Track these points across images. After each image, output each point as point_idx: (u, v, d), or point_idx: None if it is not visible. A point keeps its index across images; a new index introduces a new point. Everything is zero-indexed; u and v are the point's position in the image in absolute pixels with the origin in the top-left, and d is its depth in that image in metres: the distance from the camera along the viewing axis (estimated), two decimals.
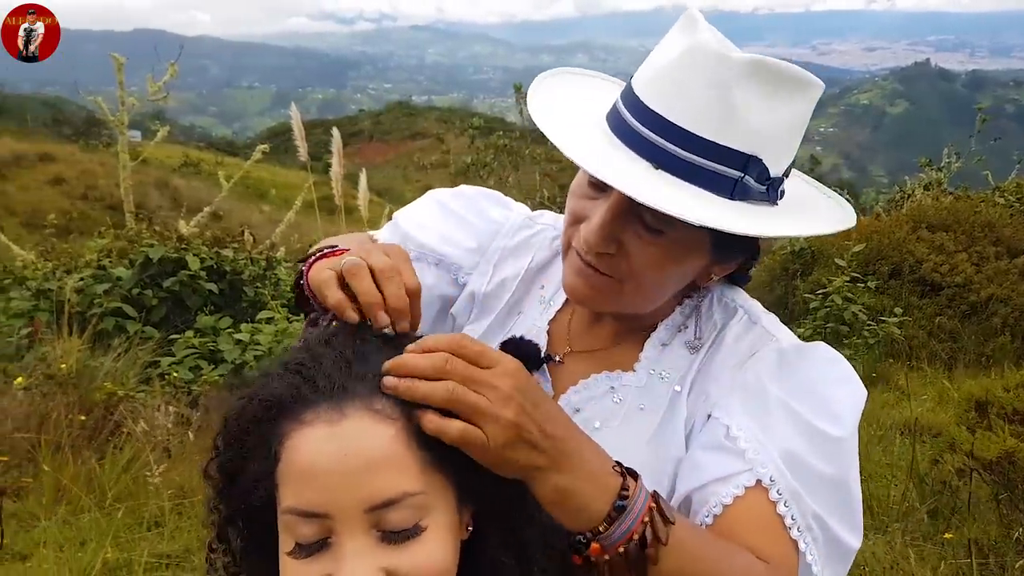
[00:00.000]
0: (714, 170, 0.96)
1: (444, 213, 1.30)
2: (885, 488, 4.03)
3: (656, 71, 0.98)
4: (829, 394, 1.02)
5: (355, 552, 0.77)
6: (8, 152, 23.97)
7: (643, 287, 1.04)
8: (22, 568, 3.36)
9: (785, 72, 0.96)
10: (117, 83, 7.03)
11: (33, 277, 6.40)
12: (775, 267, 9.39)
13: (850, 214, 1.09)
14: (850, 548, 1.00)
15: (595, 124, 1.04)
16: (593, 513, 0.86)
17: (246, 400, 0.83)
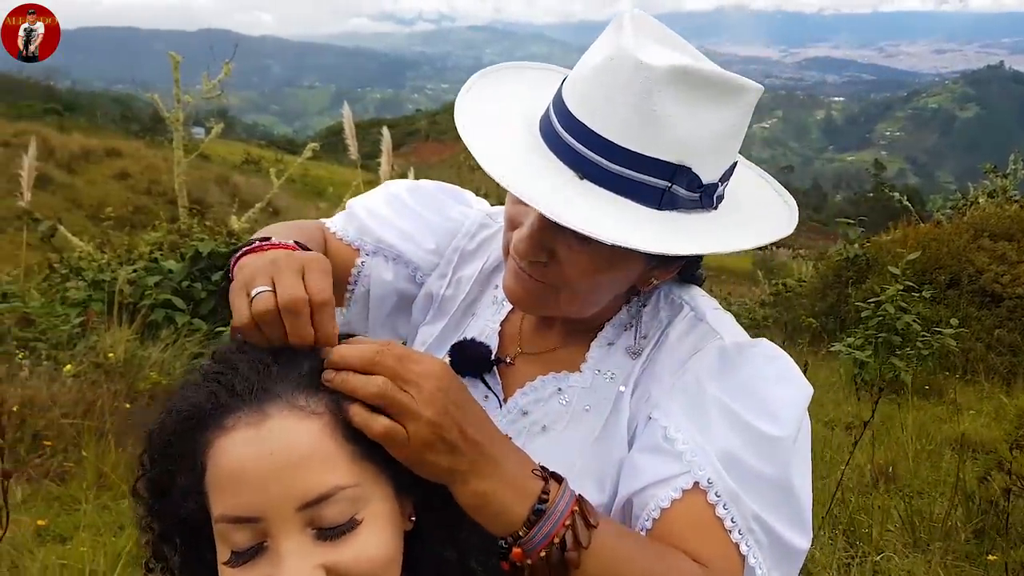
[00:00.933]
0: (640, 180, 0.93)
1: (402, 209, 1.28)
2: (929, 505, 3.91)
3: (582, 78, 0.96)
4: (767, 393, 0.99)
5: (291, 552, 0.76)
6: (77, 147, 24.78)
7: (577, 294, 1.03)
8: (61, 550, 3.45)
9: (710, 78, 0.92)
10: (174, 82, 7.19)
11: (89, 268, 6.58)
12: (828, 274, 9.20)
13: (786, 224, 1.06)
14: (797, 548, 0.98)
15: (527, 128, 1.03)
16: (512, 517, 0.86)
17: (166, 413, 0.83)
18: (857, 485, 4.40)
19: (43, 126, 26.97)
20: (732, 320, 1.10)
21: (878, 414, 5.77)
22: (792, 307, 9.33)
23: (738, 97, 0.95)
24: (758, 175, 1.14)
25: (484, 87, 1.10)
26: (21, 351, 5.16)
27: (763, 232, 1.02)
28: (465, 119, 1.02)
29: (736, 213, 1.03)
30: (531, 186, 0.93)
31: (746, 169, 1.13)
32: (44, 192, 19.80)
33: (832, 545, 3.56)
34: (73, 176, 22.58)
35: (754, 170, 1.15)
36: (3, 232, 16.65)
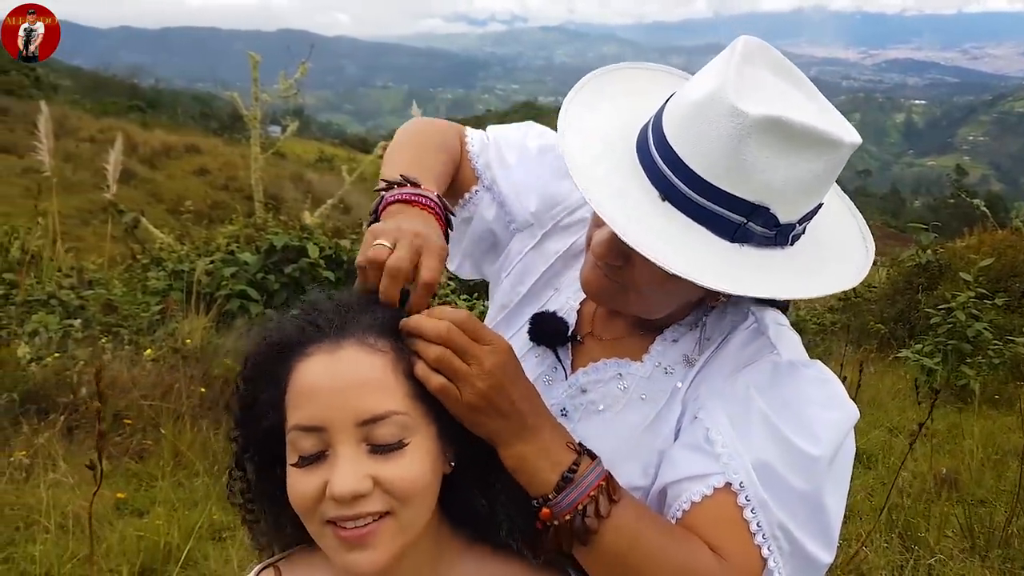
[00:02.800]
0: (717, 212, 0.98)
1: (526, 162, 1.36)
2: (990, 513, 3.84)
3: (683, 108, 1.00)
4: (812, 414, 1.03)
5: (347, 459, 0.90)
6: (159, 143, 25.72)
7: (646, 299, 1.10)
8: (139, 523, 3.66)
9: (801, 131, 0.94)
10: (252, 81, 7.46)
11: (169, 259, 6.89)
12: (899, 280, 9.00)
13: (854, 276, 1.07)
14: (819, 561, 1.02)
15: (623, 139, 1.08)
16: (544, 481, 0.97)
17: (261, 342, 0.98)
18: (919, 492, 4.33)
19: (127, 123, 28.07)
20: (794, 338, 1.13)
21: (945, 422, 5.66)
22: (861, 313, 9.15)
23: (831, 150, 0.98)
24: (851, 213, 1.16)
25: (596, 89, 1.15)
26: (105, 335, 5.45)
27: (827, 279, 1.05)
28: (566, 121, 1.09)
29: (809, 253, 1.06)
30: (613, 204, 1.00)
31: (838, 201, 1.16)
32: (127, 186, 20.63)
33: (887, 548, 3.54)
34: (154, 171, 23.44)
35: (845, 203, 1.17)
36: (88, 224, 17.43)
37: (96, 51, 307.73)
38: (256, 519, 1.05)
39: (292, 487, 0.92)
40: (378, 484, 0.90)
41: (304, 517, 0.93)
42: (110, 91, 44.86)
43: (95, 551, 3.31)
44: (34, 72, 32.28)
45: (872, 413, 5.82)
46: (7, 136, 23.78)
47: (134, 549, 3.37)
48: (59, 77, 44.61)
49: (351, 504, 0.89)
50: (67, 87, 40.79)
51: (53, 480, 3.88)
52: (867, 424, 5.52)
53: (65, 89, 38.10)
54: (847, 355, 7.31)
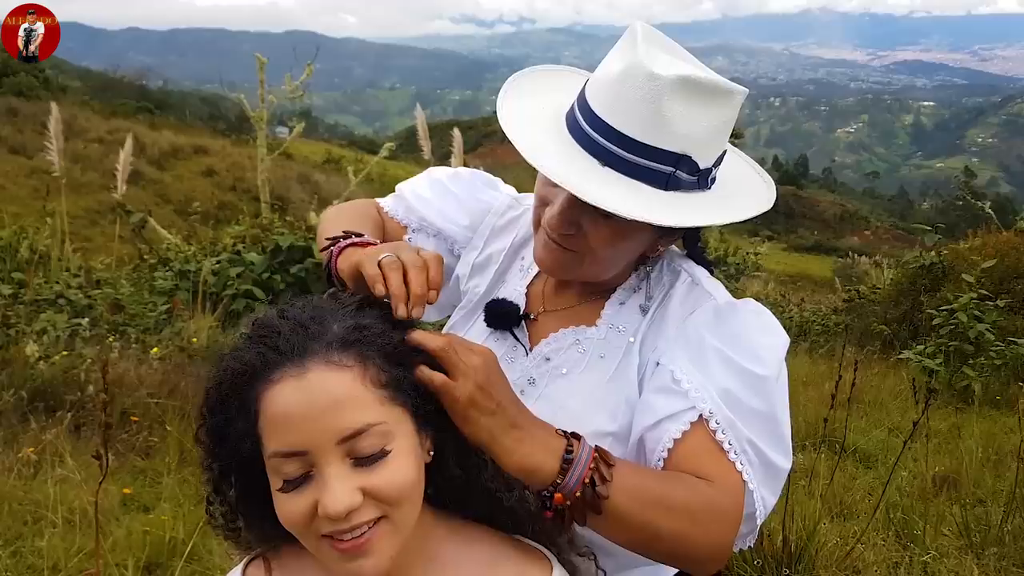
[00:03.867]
0: (650, 167, 1.14)
1: (442, 192, 1.52)
2: (987, 513, 3.86)
3: (603, 84, 1.17)
4: (756, 341, 1.20)
5: (334, 477, 0.92)
6: (167, 144, 25.80)
7: (599, 259, 1.24)
8: (145, 518, 3.71)
9: (708, 85, 1.12)
10: (259, 82, 7.51)
11: (176, 259, 6.95)
12: (903, 281, 9.01)
13: (765, 199, 1.28)
14: (780, 469, 1.17)
15: (553, 123, 1.23)
16: (548, 470, 1.04)
17: (221, 372, 0.98)
18: (918, 491, 4.36)
19: (135, 124, 28.15)
20: (721, 285, 1.31)
21: (946, 423, 5.68)
22: (864, 314, 9.17)
23: (729, 99, 1.16)
24: (743, 159, 1.36)
25: (520, 87, 1.31)
26: (112, 334, 5.51)
27: (747, 207, 1.24)
28: (505, 115, 1.24)
29: (723, 190, 1.24)
30: (566, 173, 1.14)
31: (733, 154, 1.33)
32: (135, 187, 20.71)
33: (884, 545, 3.57)
34: (162, 172, 23.53)
35: (739, 155, 1.36)
36: (97, 224, 17.54)
37: (105, 52, 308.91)
38: (238, 535, 1.08)
39: (281, 511, 0.94)
40: (368, 494, 0.92)
41: (298, 534, 0.96)
42: (119, 92, 45.04)
43: (101, 545, 3.36)
44: (43, 73, 32.45)
45: (873, 413, 5.84)
46: (16, 137, 23.93)
47: (140, 543, 3.41)
48: (68, 78, 44.82)
49: (346, 519, 0.91)
50: (76, 88, 40.93)
51: (60, 476, 3.93)
52: (868, 424, 5.55)
53: (74, 90, 38.23)
54: (848, 356, 7.33)
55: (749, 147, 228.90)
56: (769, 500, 1.16)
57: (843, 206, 65.50)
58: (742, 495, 1.12)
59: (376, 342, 0.97)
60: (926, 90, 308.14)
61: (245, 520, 1.05)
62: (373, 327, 0.99)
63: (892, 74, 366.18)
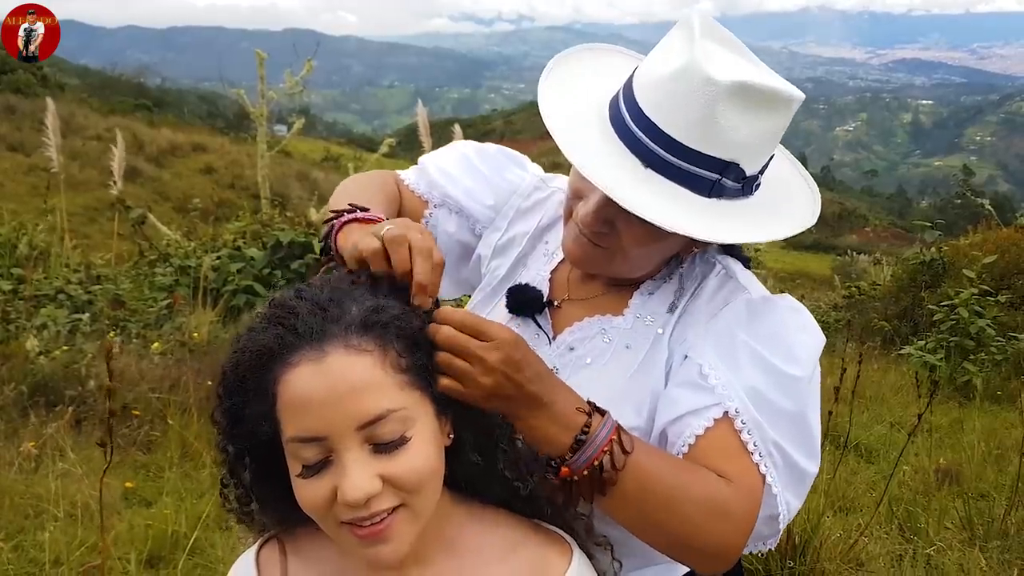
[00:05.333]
0: (695, 173, 1.10)
1: (469, 168, 1.45)
2: (990, 506, 3.86)
3: (654, 81, 1.11)
4: (790, 339, 1.14)
5: (354, 462, 0.90)
6: (166, 142, 25.74)
7: (630, 259, 1.19)
8: (147, 512, 3.70)
9: (766, 92, 1.07)
10: (259, 79, 7.50)
11: (176, 255, 6.94)
12: (903, 278, 9.02)
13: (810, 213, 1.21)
14: (807, 472, 1.13)
15: (596, 115, 1.17)
16: (559, 445, 1.03)
17: (239, 353, 0.96)
18: (921, 485, 4.36)
19: (133, 121, 28.12)
20: (756, 279, 1.25)
21: (947, 418, 5.68)
22: (865, 311, 9.17)
23: (787, 106, 1.11)
24: (788, 160, 1.29)
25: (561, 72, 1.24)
26: (113, 330, 5.50)
27: (791, 220, 1.18)
28: (547, 107, 1.17)
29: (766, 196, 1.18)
30: (605, 174, 1.09)
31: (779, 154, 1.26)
32: (133, 184, 20.69)
33: (887, 538, 3.56)
34: (161, 170, 23.48)
35: (786, 155, 1.29)
36: (95, 221, 17.51)
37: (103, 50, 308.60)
38: (252, 519, 1.06)
39: (301, 496, 0.93)
40: (387, 482, 0.91)
41: (318, 520, 0.94)
42: (117, 90, 44.96)
43: (104, 539, 3.36)
44: (40, 71, 32.36)
45: (874, 408, 5.84)
46: (15, 135, 23.88)
47: (142, 537, 3.41)
48: (66, 76, 44.70)
49: (365, 505, 0.90)
50: (74, 86, 40.84)
51: (62, 470, 3.92)
52: (869, 419, 5.54)
53: (72, 88, 38.14)
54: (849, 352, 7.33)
55: None
56: (794, 504, 1.13)
57: (842, 204, 65.41)
58: (759, 498, 1.08)
59: (395, 325, 0.95)
60: (925, 88, 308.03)
61: (260, 503, 1.04)
62: (392, 309, 0.96)
63: (891, 72, 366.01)
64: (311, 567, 1.03)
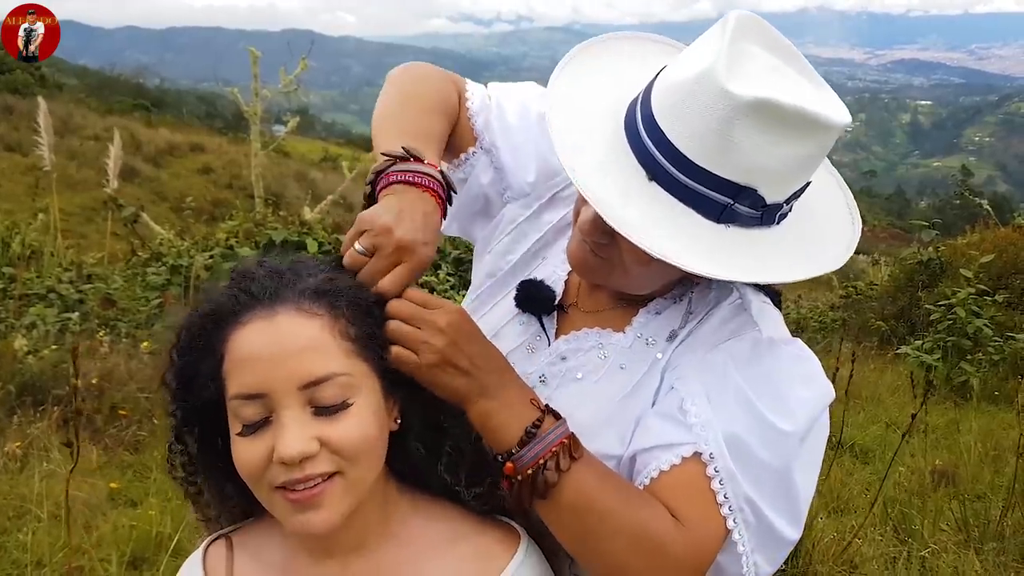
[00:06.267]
0: (703, 194, 0.97)
1: (527, 128, 1.30)
2: (986, 507, 3.82)
3: (672, 86, 0.99)
4: (787, 390, 1.03)
5: (292, 422, 0.90)
6: (164, 142, 25.70)
7: (630, 276, 1.09)
8: (132, 513, 3.66)
9: (792, 114, 0.93)
10: (252, 76, 7.47)
11: (169, 254, 6.91)
12: (900, 277, 8.98)
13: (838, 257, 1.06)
14: (785, 538, 1.03)
15: (613, 116, 1.06)
16: (509, 435, 0.98)
17: (194, 313, 0.97)
18: (916, 486, 4.32)
19: (132, 121, 28.07)
20: (776, 316, 1.13)
21: (944, 419, 5.64)
22: (862, 310, 9.14)
23: (821, 132, 0.97)
24: (836, 183, 1.15)
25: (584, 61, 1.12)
26: (102, 328, 5.46)
27: (811, 267, 1.03)
28: (554, 99, 1.07)
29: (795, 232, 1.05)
30: (599, 184, 0.99)
31: (825, 174, 1.14)
32: (131, 184, 20.64)
33: (881, 540, 3.52)
34: (158, 170, 23.43)
35: (834, 176, 1.16)
36: (92, 221, 17.46)
37: (102, 50, 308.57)
38: (199, 491, 1.05)
39: (238, 456, 0.93)
40: (325, 445, 0.90)
41: (252, 484, 0.94)
42: (116, 90, 44.85)
43: (76, 537, 3.32)
44: (39, 71, 32.31)
45: (870, 409, 5.80)
46: (12, 134, 23.83)
47: (126, 538, 3.37)
48: (65, 76, 44.62)
49: (299, 467, 0.89)
50: (73, 86, 40.76)
51: (47, 471, 3.88)
52: (865, 420, 5.50)
53: (71, 88, 38.06)
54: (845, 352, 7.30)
55: None
56: (764, 568, 1.03)
57: None
58: (711, 549, 0.99)
59: (349, 295, 0.96)
60: (923, 89, 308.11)
61: (204, 476, 1.03)
62: (347, 281, 0.98)
63: (889, 73, 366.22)
64: (257, 562, 1.03)
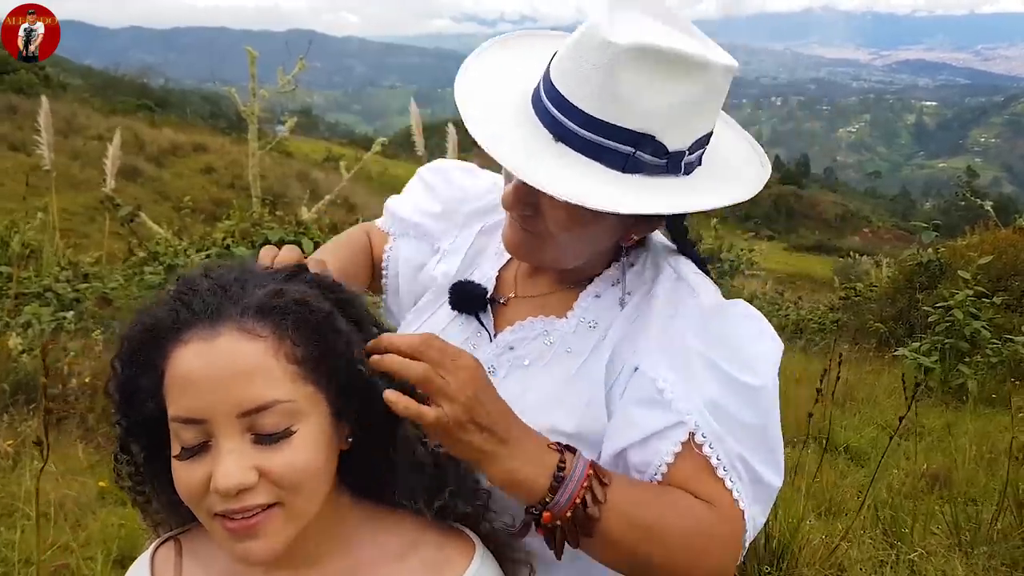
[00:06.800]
0: (606, 145, 1.02)
1: (420, 187, 1.44)
2: (979, 511, 3.81)
3: (564, 52, 1.05)
4: (746, 348, 1.08)
5: (230, 451, 0.86)
6: (167, 142, 25.75)
7: (559, 245, 1.12)
8: (122, 512, 3.66)
9: (671, 55, 0.98)
10: (250, 77, 7.46)
11: (166, 254, 6.91)
12: (899, 279, 8.97)
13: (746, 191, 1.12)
14: (772, 486, 1.08)
15: (522, 94, 1.12)
16: (538, 488, 0.97)
17: (135, 325, 0.93)
18: (909, 489, 4.30)
19: (135, 121, 28.12)
20: (711, 284, 1.18)
21: (940, 421, 5.62)
22: (861, 312, 9.12)
23: (701, 73, 1.01)
24: (742, 137, 1.22)
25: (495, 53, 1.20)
26: (97, 327, 5.46)
27: (722, 196, 1.08)
28: (464, 83, 1.12)
29: (709, 180, 1.10)
30: (508, 148, 1.04)
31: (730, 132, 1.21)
32: (133, 184, 20.68)
33: (871, 543, 3.51)
34: (161, 169, 23.47)
35: (735, 130, 1.23)
36: (94, 220, 17.49)
37: (106, 50, 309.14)
38: (148, 500, 1.02)
39: (177, 478, 0.89)
40: (264, 475, 0.86)
41: (192, 507, 0.90)
42: (120, 90, 44.96)
43: (75, 539, 3.32)
44: (43, 71, 32.40)
45: (866, 411, 5.78)
46: (16, 134, 23.88)
47: (114, 537, 3.37)
48: (69, 76, 44.73)
49: (236, 498, 0.85)
50: (77, 86, 40.85)
51: (38, 469, 3.88)
52: (860, 422, 5.49)
53: (75, 88, 38.15)
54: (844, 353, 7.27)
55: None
56: (759, 520, 1.08)
57: (844, 206, 65.38)
58: (741, 519, 1.04)
59: (296, 312, 0.90)
60: (929, 90, 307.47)
61: (152, 486, 1.00)
62: (295, 294, 0.91)
63: (895, 73, 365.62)
64: (205, 567, 0.99)
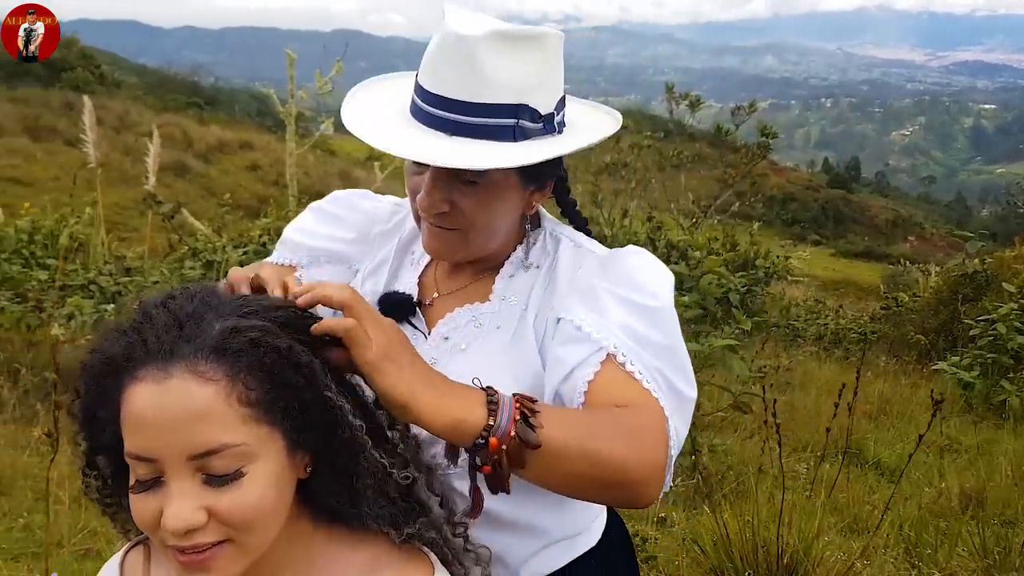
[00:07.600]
0: (494, 124, 1.17)
1: (323, 217, 1.51)
2: (1013, 533, 3.70)
3: (426, 60, 1.21)
4: (644, 277, 1.23)
5: (179, 492, 0.87)
6: (214, 139, 26.25)
7: (481, 229, 1.26)
8: None
9: (515, 33, 1.16)
10: (289, 78, 7.59)
11: (205, 250, 7.06)
12: (943, 290, 8.76)
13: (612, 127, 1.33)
14: (688, 397, 1.19)
15: (400, 114, 1.26)
16: (476, 418, 0.98)
17: (95, 352, 0.94)
18: (940, 509, 4.21)
19: (185, 118, 28.71)
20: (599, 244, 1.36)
21: (979, 438, 5.49)
22: (902, 323, 8.93)
23: (544, 42, 1.19)
24: (585, 103, 1.42)
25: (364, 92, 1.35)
26: None
27: (594, 134, 1.28)
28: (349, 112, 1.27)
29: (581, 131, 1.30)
30: (417, 148, 1.18)
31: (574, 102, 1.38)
32: (182, 179, 21.12)
33: (891, 563, 3.44)
34: (208, 166, 23.92)
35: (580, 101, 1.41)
36: (144, 215, 17.91)
37: (160, 50, 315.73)
38: (116, 511, 1.05)
39: (133, 508, 0.91)
40: (213, 515, 0.88)
41: (149, 535, 0.93)
42: (172, 88, 45.88)
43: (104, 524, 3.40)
44: (99, 69, 33.24)
45: (901, 426, 5.67)
46: (72, 130, 24.51)
47: None
48: (124, 74, 45.78)
49: (186, 536, 0.87)
50: (132, 84, 41.79)
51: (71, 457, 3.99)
52: (894, 436, 5.38)
53: (129, 85, 39.04)
54: (882, 365, 7.14)
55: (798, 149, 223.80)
56: (681, 430, 1.16)
57: (896, 211, 64.02)
58: (662, 413, 1.12)
59: (251, 352, 0.90)
60: (987, 92, 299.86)
61: (119, 498, 1.02)
62: (251, 332, 0.91)
63: (951, 75, 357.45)
64: (171, 573, 1.01)
